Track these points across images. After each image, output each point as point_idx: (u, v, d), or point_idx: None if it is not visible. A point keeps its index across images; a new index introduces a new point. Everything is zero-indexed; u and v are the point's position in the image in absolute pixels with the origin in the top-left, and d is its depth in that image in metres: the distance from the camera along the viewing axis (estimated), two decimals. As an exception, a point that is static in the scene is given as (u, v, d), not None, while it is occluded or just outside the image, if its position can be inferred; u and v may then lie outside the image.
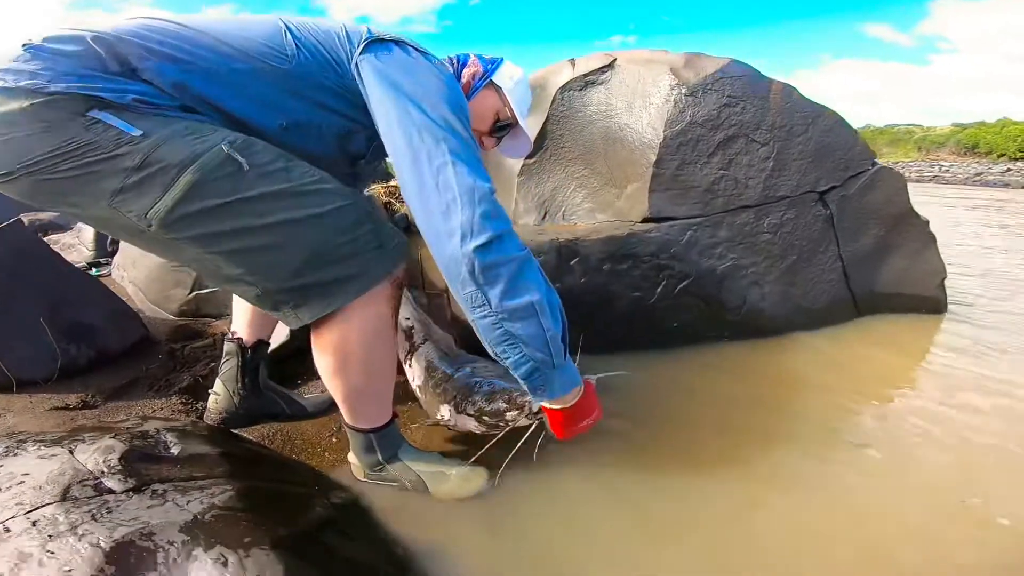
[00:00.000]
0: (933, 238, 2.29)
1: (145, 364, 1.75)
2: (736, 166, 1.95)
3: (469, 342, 1.75)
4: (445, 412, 1.26)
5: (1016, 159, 25.62)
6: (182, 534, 0.75)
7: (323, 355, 1.00)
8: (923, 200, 11.59)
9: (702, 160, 1.92)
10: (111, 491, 0.85)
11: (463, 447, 1.32)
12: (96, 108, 0.79)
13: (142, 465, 0.94)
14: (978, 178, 20.02)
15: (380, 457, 1.15)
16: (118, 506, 0.80)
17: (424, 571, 0.94)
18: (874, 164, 2.18)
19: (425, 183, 0.86)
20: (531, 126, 2.29)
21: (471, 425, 1.23)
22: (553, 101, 2.24)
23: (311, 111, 0.97)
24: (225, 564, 0.71)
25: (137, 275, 2.25)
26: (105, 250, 3.01)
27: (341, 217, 0.91)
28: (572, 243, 1.73)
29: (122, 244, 2.58)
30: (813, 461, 1.28)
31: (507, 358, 0.92)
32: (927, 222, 2.28)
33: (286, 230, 0.87)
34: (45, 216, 3.75)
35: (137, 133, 0.80)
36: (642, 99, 2.01)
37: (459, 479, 1.14)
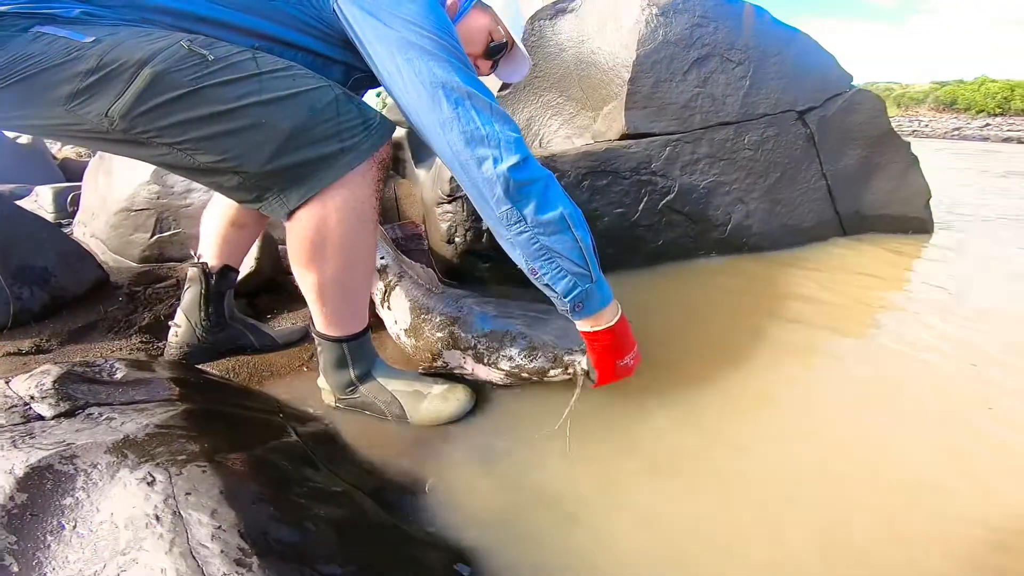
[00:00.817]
0: (916, 159, 2.25)
1: (104, 307, 1.67)
2: (712, 84, 1.88)
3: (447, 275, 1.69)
4: (454, 359, 1.19)
5: (995, 115, 25.83)
6: (108, 455, 0.68)
7: (298, 242, 0.92)
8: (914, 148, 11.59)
9: (677, 78, 1.85)
10: (40, 417, 0.78)
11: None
12: (39, 23, 0.78)
13: (78, 388, 0.86)
14: (956, 132, 20.17)
15: (352, 375, 1.09)
16: (44, 431, 0.73)
17: (399, 500, 0.89)
18: (851, 86, 2.13)
19: (443, 116, 0.88)
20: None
21: (495, 377, 1.16)
22: (524, 31, 2.15)
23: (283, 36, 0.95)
24: (152, 484, 0.63)
25: (97, 226, 2.15)
26: (66, 211, 2.88)
27: (317, 97, 0.86)
28: (550, 160, 1.66)
29: (82, 200, 2.47)
30: (798, 379, 1.25)
31: (544, 273, 0.94)
32: (909, 143, 2.24)
33: (260, 110, 0.82)
34: (4, 187, 3.59)
35: (87, 39, 0.78)
36: (614, 21, 1.94)
37: (438, 398, 1.08)
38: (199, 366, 1.28)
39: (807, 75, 2.05)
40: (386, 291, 1.35)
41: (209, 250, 1.26)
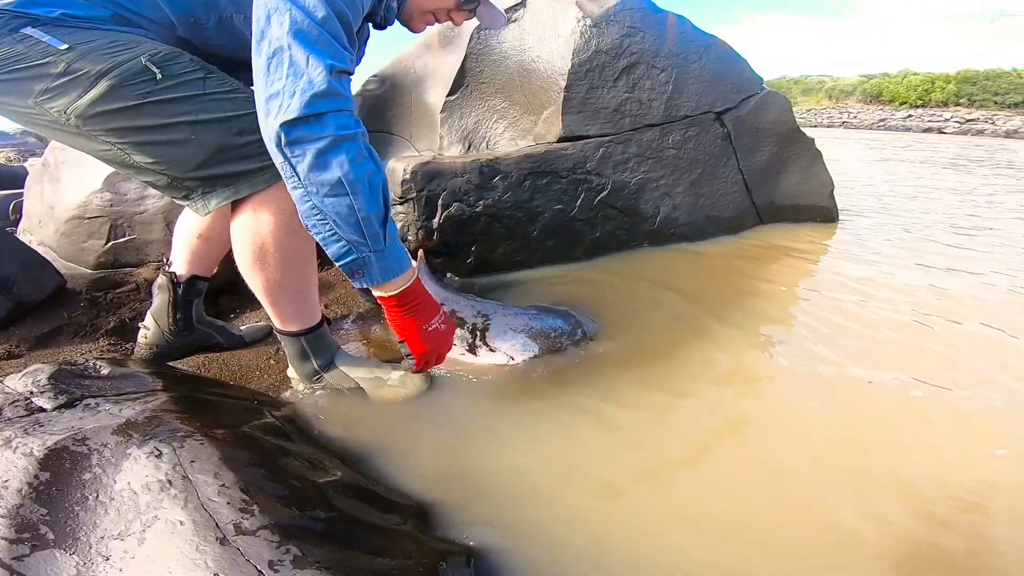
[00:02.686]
0: (820, 154, 2.53)
1: (67, 313, 1.72)
2: (640, 89, 2.08)
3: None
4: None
5: (916, 106, 27.53)
6: (115, 436, 0.77)
7: (240, 249, 1.06)
8: (839, 139, 12.40)
9: (608, 84, 2.03)
10: (42, 409, 0.87)
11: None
12: (29, 25, 0.91)
13: (73, 383, 0.95)
14: (882, 123, 21.59)
15: (316, 365, 1.21)
16: (50, 420, 0.83)
17: (371, 468, 1.00)
18: (762, 88, 2.37)
19: (258, 65, 0.88)
20: (450, 65, 2.34)
21: None
22: (470, 40, 2.28)
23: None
24: (160, 456, 0.73)
25: (46, 234, 2.15)
26: (8, 219, 2.82)
27: (248, 122, 0.97)
28: (493, 162, 1.81)
29: (25, 208, 2.43)
30: (731, 354, 1.43)
31: (317, 233, 0.93)
32: (813, 140, 2.51)
33: (192, 128, 0.95)
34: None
35: (62, 46, 0.91)
36: (552, 31, 2.09)
37: (396, 383, 1.21)
38: (173, 363, 1.37)
39: (724, 78, 2.28)
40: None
41: (178, 259, 1.35)
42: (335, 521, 0.72)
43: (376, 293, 1.03)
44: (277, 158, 0.89)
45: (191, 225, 1.31)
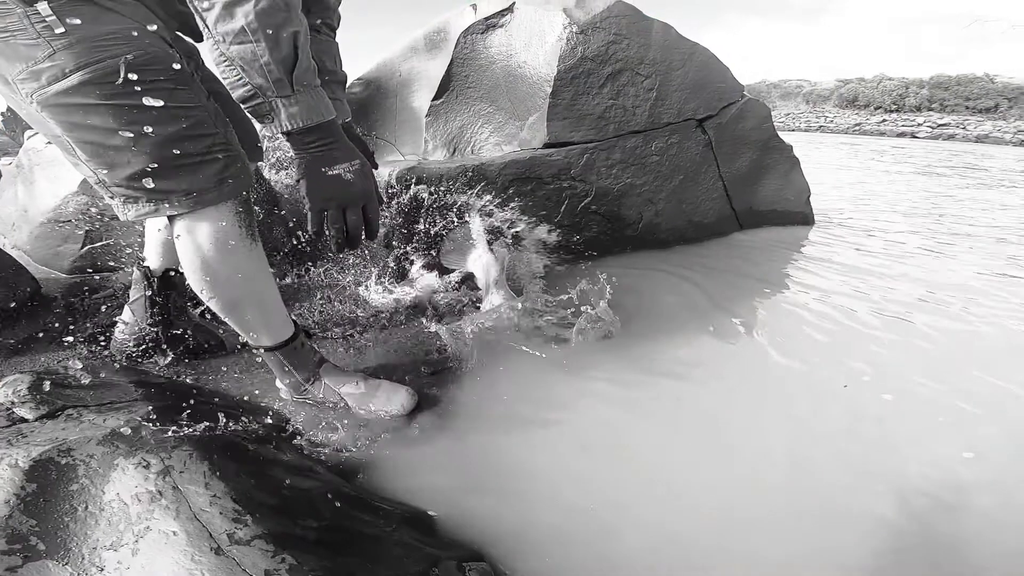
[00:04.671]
0: (797, 161, 2.59)
1: (43, 319, 1.68)
2: (624, 96, 2.11)
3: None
4: None
5: (891, 111, 28.16)
6: (101, 447, 0.77)
7: (187, 268, 1.05)
8: (814, 143, 12.66)
9: (593, 91, 2.06)
10: (23, 419, 0.86)
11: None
12: (40, 0, 0.87)
13: (54, 392, 0.94)
14: (857, 128, 22.12)
15: (299, 378, 1.20)
16: (33, 431, 0.82)
17: (359, 474, 1.01)
18: (743, 96, 2.43)
19: None
20: (436, 69, 2.35)
21: None
22: (457, 44, 2.29)
23: None
24: (148, 467, 0.73)
25: (19, 237, 2.10)
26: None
27: (192, 145, 0.97)
28: (479, 168, 1.82)
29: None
30: (715, 346, 1.48)
31: (226, 79, 0.93)
32: (791, 147, 2.58)
33: (137, 139, 0.94)
34: None
35: (59, 31, 0.89)
36: (538, 38, 2.11)
37: (382, 399, 1.21)
38: (152, 369, 1.35)
39: (706, 86, 2.32)
40: None
41: (151, 254, 1.34)
42: (327, 529, 0.73)
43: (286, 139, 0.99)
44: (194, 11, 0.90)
45: (162, 219, 1.29)
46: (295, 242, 1.97)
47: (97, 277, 1.98)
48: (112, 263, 2.00)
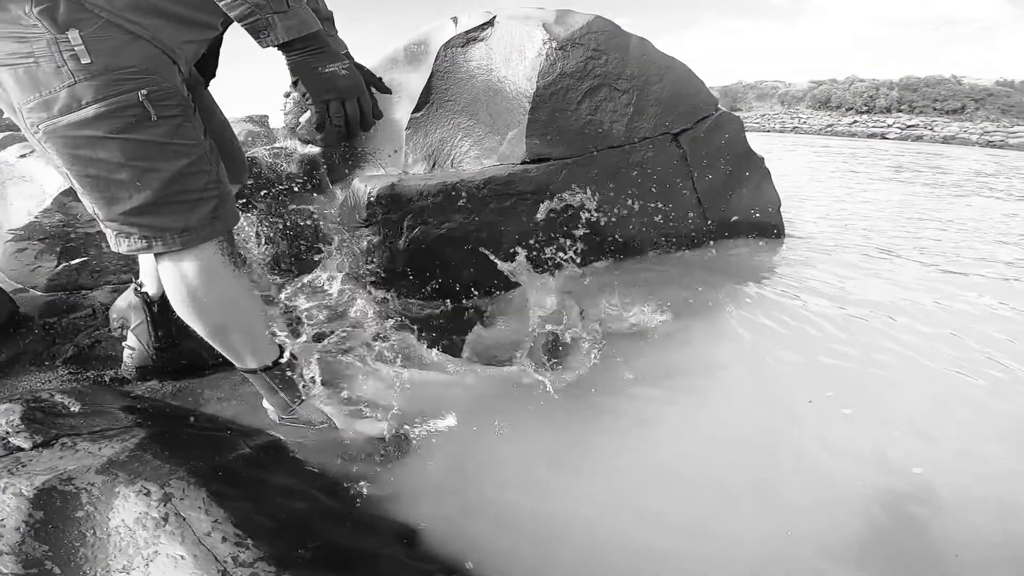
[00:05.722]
0: (768, 173, 2.69)
1: (21, 340, 1.68)
2: (602, 111, 2.17)
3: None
4: None
5: (862, 112, 28.79)
6: (100, 475, 0.79)
7: (172, 296, 1.08)
8: (789, 146, 12.97)
9: (572, 107, 2.12)
10: (20, 448, 0.88)
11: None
12: (73, 28, 0.86)
13: (47, 421, 0.96)
14: (829, 129, 22.68)
15: (286, 398, 1.23)
16: (31, 460, 0.84)
17: (353, 493, 1.04)
18: (717, 109, 2.51)
19: None
20: (416, 82, 2.39)
21: None
22: (437, 58, 2.33)
23: None
24: (148, 494, 0.76)
25: (-7, 253, 2.08)
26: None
27: (193, 180, 1.00)
28: (459, 184, 1.86)
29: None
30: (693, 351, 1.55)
31: (224, 4, 0.97)
32: (763, 159, 2.67)
33: (143, 174, 0.96)
34: None
35: (85, 61, 0.88)
36: (518, 53, 2.16)
37: (367, 421, 1.24)
38: (143, 392, 1.37)
39: (681, 100, 2.39)
40: None
41: (147, 278, 1.35)
42: (323, 549, 0.77)
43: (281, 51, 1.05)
44: None
45: None
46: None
47: (75, 296, 1.97)
48: (89, 281, 1.99)
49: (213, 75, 1.28)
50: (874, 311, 1.93)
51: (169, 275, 1.06)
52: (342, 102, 1.08)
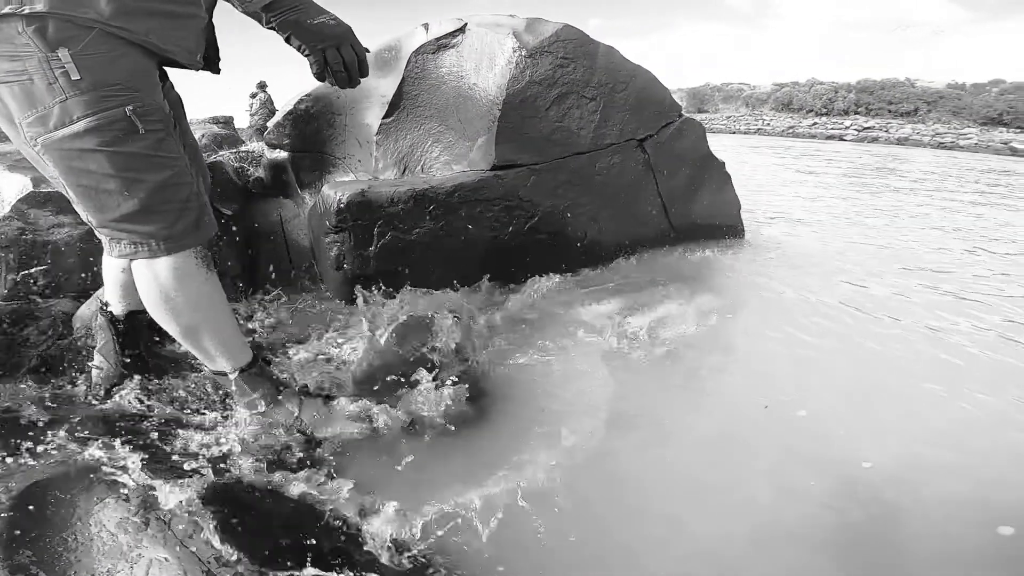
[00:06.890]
0: (729, 177, 2.80)
1: (-16, 351, 1.65)
2: (569, 119, 2.24)
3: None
4: None
5: (822, 114, 29.78)
6: (77, 482, 0.81)
7: (145, 297, 1.12)
8: (754, 147, 13.32)
9: (540, 114, 2.18)
10: None
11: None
12: (63, 47, 0.90)
13: (18, 432, 0.99)
14: (791, 130, 23.42)
15: (259, 401, 1.24)
16: (5, 470, 0.85)
17: (332, 495, 1.03)
18: (680, 115, 2.61)
19: None
20: (387, 87, 2.41)
21: None
22: (408, 63, 2.36)
23: None
24: (127, 500, 0.78)
25: (-49, 259, 2.02)
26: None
27: (176, 191, 1.06)
28: (428, 191, 1.90)
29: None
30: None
31: None
32: (724, 163, 2.79)
33: (131, 184, 1.02)
34: None
35: (75, 78, 0.93)
36: (488, 60, 2.21)
37: (340, 422, 1.26)
38: (118, 402, 1.37)
39: (646, 107, 2.47)
40: None
41: (112, 297, 1.35)
42: (306, 547, 0.80)
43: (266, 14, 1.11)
44: None
45: (113, 261, 1.31)
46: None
47: (35, 304, 1.93)
48: (50, 290, 1.95)
49: (217, 70, 1.31)
50: (834, 310, 2.04)
51: (143, 276, 1.10)
52: (337, 48, 1.15)
